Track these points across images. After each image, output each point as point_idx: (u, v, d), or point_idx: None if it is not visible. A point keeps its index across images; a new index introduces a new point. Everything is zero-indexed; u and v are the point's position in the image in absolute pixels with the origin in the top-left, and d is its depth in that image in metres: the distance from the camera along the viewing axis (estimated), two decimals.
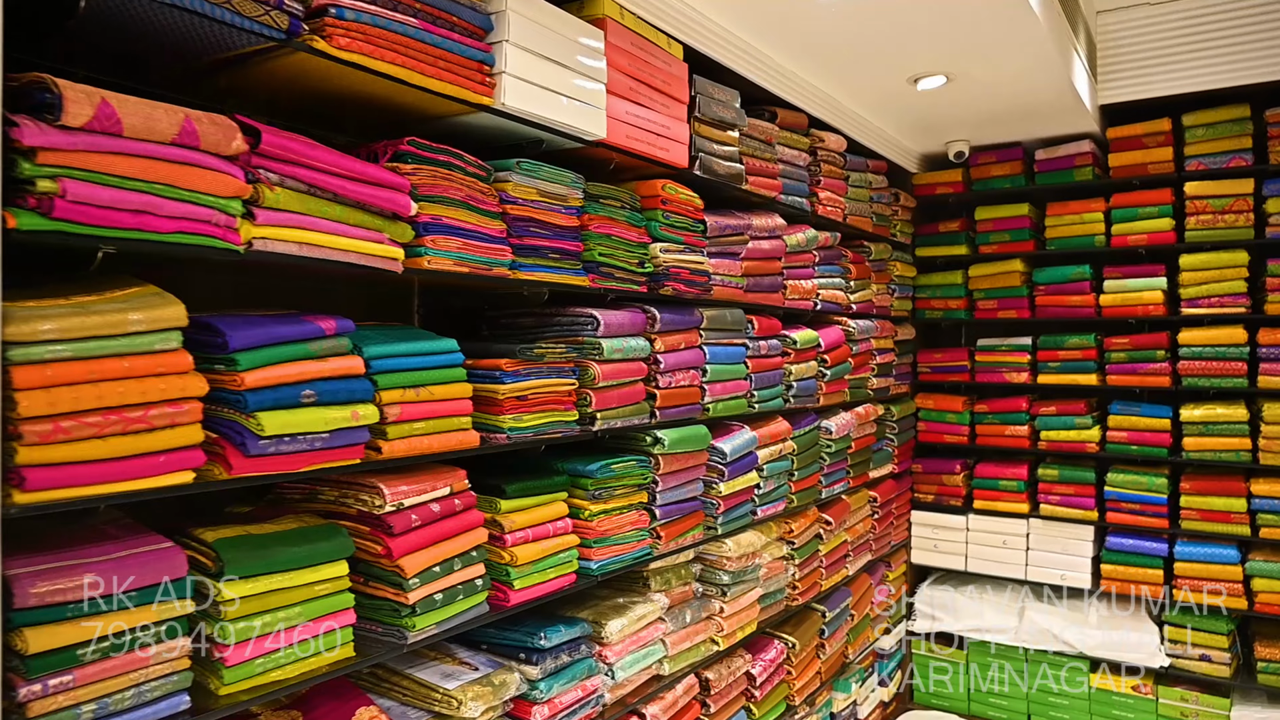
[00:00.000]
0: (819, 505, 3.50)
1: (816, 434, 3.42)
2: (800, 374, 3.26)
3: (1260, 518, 3.65)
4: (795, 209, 3.25)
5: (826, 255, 3.52)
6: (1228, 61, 3.59)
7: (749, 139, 2.93)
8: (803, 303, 3.35)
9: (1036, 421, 4.16)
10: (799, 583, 3.30)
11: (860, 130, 3.75)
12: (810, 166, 3.40)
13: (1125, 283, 3.95)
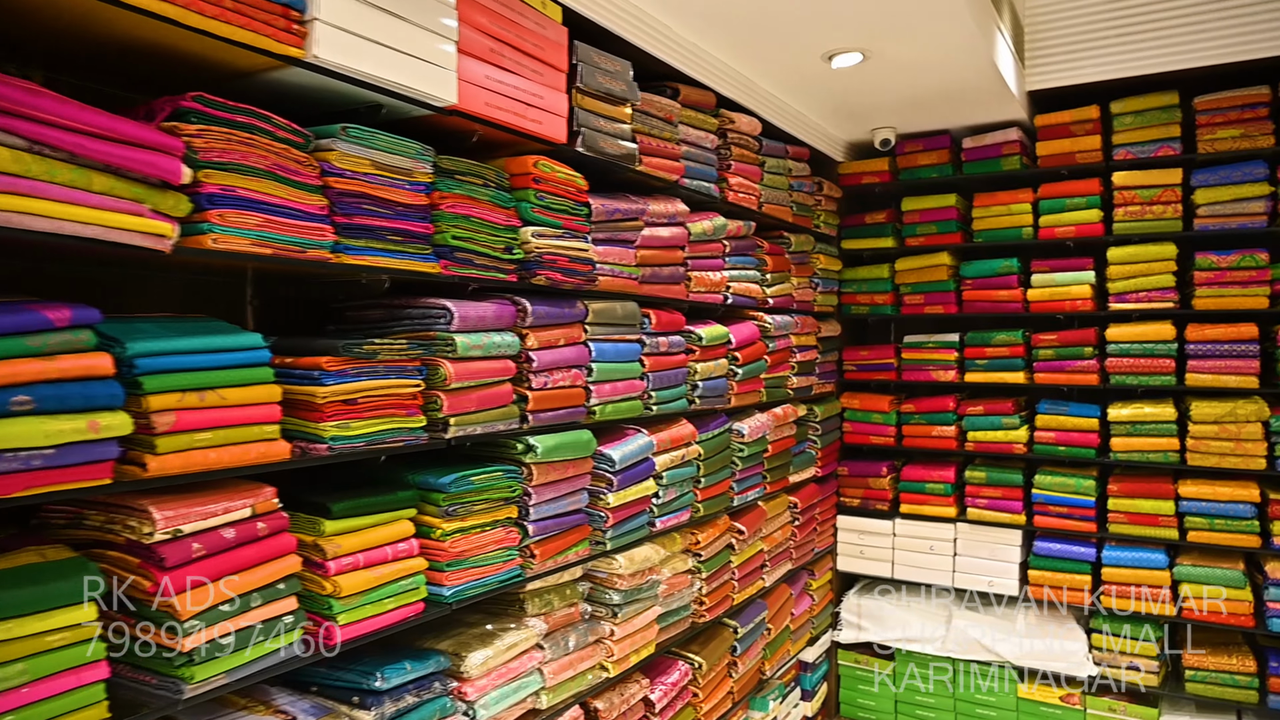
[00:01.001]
0: (730, 513, 3.27)
1: (727, 437, 3.19)
2: (707, 373, 3.02)
3: (1188, 520, 3.51)
4: (702, 195, 3.01)
5: (739, 246, 3.29)
6: (1157, 46, 3.44)
7: (646, 116, 2.68)
8: (711, 296, 3.11)
9: (964, 422, 3.98)
10: (706, 598, 3.07)
11: (777, 113, 3.52)
12: (720, 150, 3.16)
13: (1053, 276, 3.78)
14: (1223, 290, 3.45)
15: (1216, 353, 3.47)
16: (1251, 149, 3.40)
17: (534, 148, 2.28)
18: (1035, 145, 3.82)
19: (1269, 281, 3.39)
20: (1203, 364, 3.49)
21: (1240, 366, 3.43)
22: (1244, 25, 3.28)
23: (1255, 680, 3.40)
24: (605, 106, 2.46)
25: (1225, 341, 3.45)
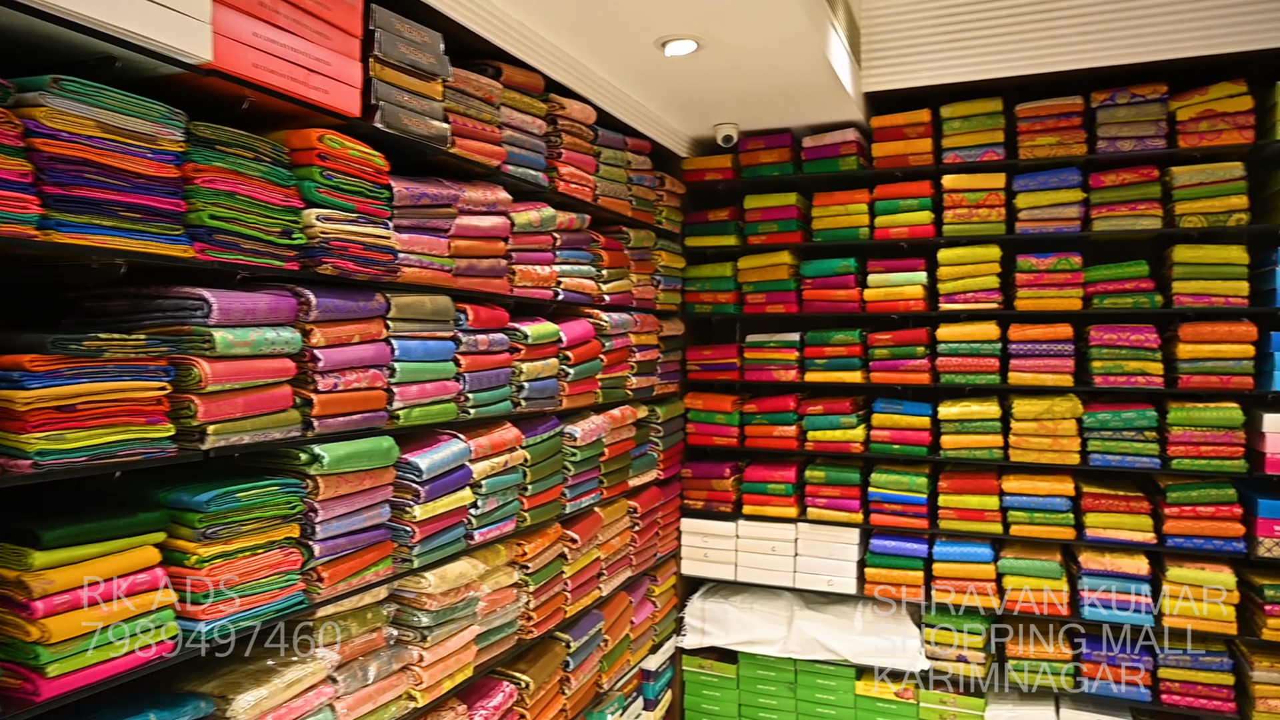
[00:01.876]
0: (563, 521, 3.10)
1: (559, 440, 3.02)
2: (534, 373, 2.84)
3: (1011, 515, 3.62)
4: (529, 184, 2.83)
5: (571, 239, 3.13)
6: (983, 54, 3.52)
7: (461, 95, 2.47)
8: (540, 292, 2.93)
9: (804, 421, 3.97)
10: (535, 612, 2.88)
11: (615, 103, 3.39)
12: (550, 137, 2.99)
13: (888, 277, 3.82)
14: (1041, 292, 3.57)
15: (1036, 352, 3.59)
16: (1066, 156, 3.53)
17: (325, 121, 2.03)
18: (871, 147, 3.85)
19: (1082, 284, 3.53)
20: (1023, 363, 3.60)
21: (1056, 365, 3.56)
22: (1060, 38, 3.40)
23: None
24: (410, 80, 2.23)
25: (1043, 341, 3.57)
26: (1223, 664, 3.33)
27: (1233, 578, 3.28)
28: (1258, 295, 3.33)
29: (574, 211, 3.13)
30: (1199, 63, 3.31)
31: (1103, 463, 3.47)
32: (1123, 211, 3.45)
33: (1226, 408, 3.31)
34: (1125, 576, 3.43)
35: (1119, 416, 3.44)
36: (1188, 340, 3.36)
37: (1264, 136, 3.29)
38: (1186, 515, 3.35)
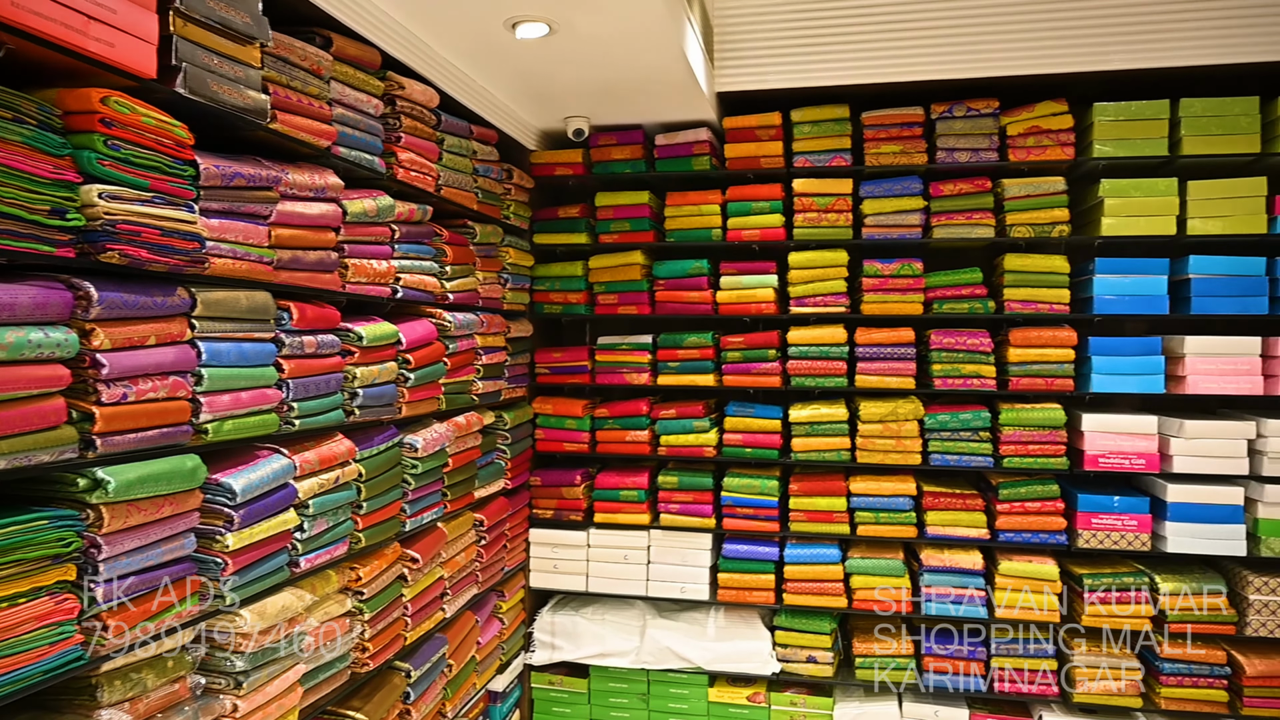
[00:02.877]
0: (402, 540, 2.84)
1: (398, 451, 2.75)
2: (370, 378, 2.57)
3: (858, 515, 3.67)
4: (363, 169, 2.55)
5: (412, 232, 2.87)
6: (832, 60, 3.55)
7: (284, 65, 2.17)
8: (376, 289, 2.66)
9: (657, 426, 3.88)
10: (370, 642, 2.61)
11: (460, 87, 3.15)
12: (388, 119, 2.72)
13: (740, 279, 3.80)
14: (886, 296, 3.65)
15: (881, 355, 3.66)
16: (909, 165, 3.63)
17: (112, 81, 1.70)
18: (724, 148, 3.81)
19: (923, 289, 3.63)
20: (869, 366, 3.67)
21: (900, 368, 3.65)
22: (904, 51, 3.48)
23: (913, 661, 3.63)
24: (221, 41, 1.93)
25: (888, 345, 3.65)
26: (1047, 650, 3.52)
27: (1056, 569, 3.47)
28: (1077, 302, 3.54)
29: (414, 202, 2.88)
30: (1027, 81, 3.48)
31: (942, 462, 3.58)
32: (960, 220, 3.58)
33: (1050, 408, 3.50)
34: (962, 571, 3.55)
35: (956, 418, 3.56)
36: (1017, 344, 3.53)
37: (1082, 153, 3.50)
38: (1016, 511, 3.52)
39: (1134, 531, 3.42)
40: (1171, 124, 3.39)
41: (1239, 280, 3.35)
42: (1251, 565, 3.41)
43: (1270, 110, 3.32)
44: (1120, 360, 3.44)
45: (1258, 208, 3.34)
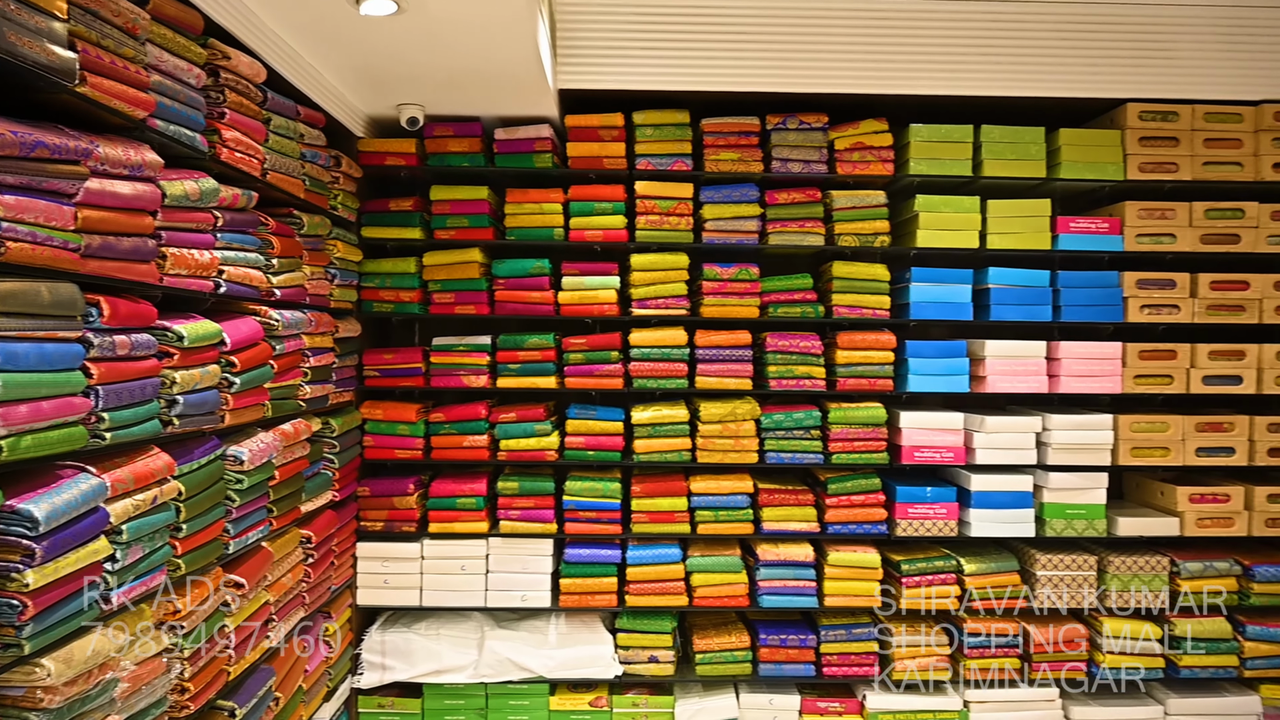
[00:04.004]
0: (225, 563, 2.54)
1: (220, 465, 2.46)
2: (191, 383, 2.27)
3: (698, 515, 3.74)
4: (184, 146, 2.25)
5: (237, 220, 2.57)
6: (673, 65, 3.59)
7: (94, 19, 1.86)
8: (198, 282, 2.36)
9: (496, 430, 3.75)
10: (191, 682, 2.31)
11: (288, 63, 2.88)
12: (211, 92, 2.42)
13: (582, 280, 3.75)
14: (724, 300, 3.75)
15: (720, 357, 3.75)
16: (746, 173, 3.74)
17: None
18: (566, 146, 3.75)
19: (759, 294, 3.76)
20: (709, 368, 3.75)
21: (738, 370, 3.75)
22: (742, 62, 3.59)
23: (749, 653, 3.74)
24: None
25: (726, 347, 3.75)
26: (869, 634, 3.76)
27: (877, 557, 3.71)
28: (897, 308, 3.81)
29: (239, 186, 2.58)
30: (853, 99, 3.70)
31: (777, 460, 3.73)
32: (793, 228, 3.74)
33: (873, 407, 3.73)
34: (795, 564, 3.71)
35: (791, 417, 3.72)
36: (844, 347, 3.74)
37: (900, 170, 3.77)
38: (843, 505, 3.73)
39: (944, 519, 3.72)
40: (975, 147, 3.73)
41: (1028, 290, 3.74)
42: (1039, 545, 3.82)
43: (1054, 140, 3.74)
44: (932, 362, 3.74)
45: (1044, 226, 3.75)
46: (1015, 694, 3.72)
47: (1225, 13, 3.63)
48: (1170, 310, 3.74)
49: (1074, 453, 3.71)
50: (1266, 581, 3.72)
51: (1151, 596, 3.73)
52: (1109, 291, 3.75)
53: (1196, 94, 3.68)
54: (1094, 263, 3.85)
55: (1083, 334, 3.89)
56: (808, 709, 3.73)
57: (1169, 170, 3.71)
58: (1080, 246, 3.73)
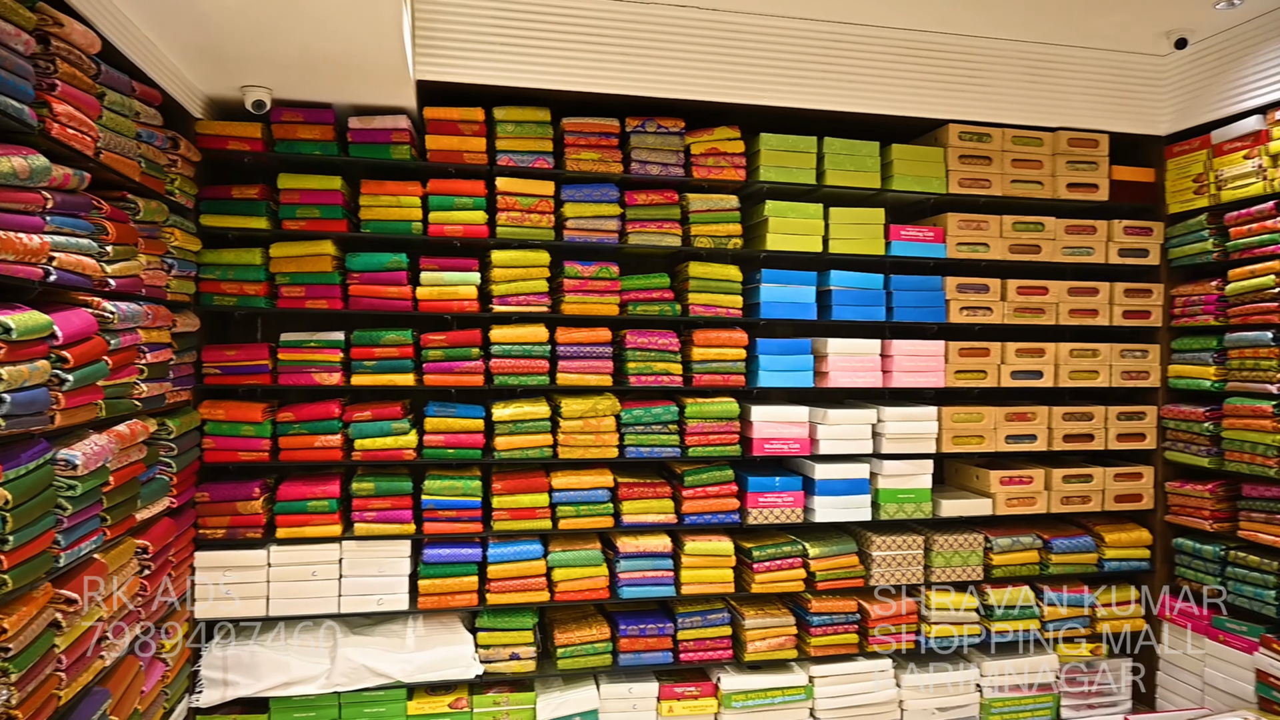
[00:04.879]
0: (55, 578, 2.32)
1: (50, 470, 2.24)
2: (19, 380, 2.06)
3: (559, 510, 3.77)
4: (10, 118, 2.04)
5: (68, 202, 2.35)
6: (534, 63, 3.60)
7: None
8: (24, 269, 2.14)
9: (350, 429, 3.62)
10: (19, 710, 2.09)
11: (123, 34, 2.66)
12: (40, 61, 2.21)
13: (442, 275, 3.69)
14: (585, 298, 3.80)
15: (580, 354, 3.80)
16: (606, 173, 3.81)
17: None
18: (425, 139, 3.67)
19: (619, 292, 3.84)
20: (570, 364, 3.79)
21: (598, 366, 3.81)
22: (602, 64, 3.65)
23: (610, 645, 3.81)
24: None
25: (587, 344, 3.80)
26: (723, 619, 3.93)
27: (730, 545, 3.89)
28: (748, 307, 4.00)
29: (70, 166, 2.36)
30: (709, 107, 3.86)
31: (636, 454, 3.82)
32: (652, 229, 3.85)
33: (726, 402, 3.91)
34: (653, 555, 3.82)
35: (649, 412, 3.82)
36: (699, 344, 3.89)
37: (752, 176, 3.96)
38: (699, 496, 3.88)
39: (791, 507, 3.95)
40: (819, 158, 3.98)
41: (865, 293, 4.04)
42: (874, 528, 4.13)
43: (887, 154, 4.05)
44: (780, 359, 3.96)
45: (878, 233, 4.06)
46: (854, 667, 4.00)
47: (1029, 49, 4.07)
48: (984, 312, 4.15)
49: (904, 442, 4.04)
50: (1062, 553, 4.21)
51: (969, 571, 4.12)
52: (933, 294, 4.11)
53: (1006, 119, 4.10)
54: (920, 268, 4.22)
55: (911, 333, 4.25)
56: (665, 695, 3.85)
57: (983, 186, 4.12)
58: (909, 253, 4.07)
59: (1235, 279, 3.95)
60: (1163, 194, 4.36)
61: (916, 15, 3.78)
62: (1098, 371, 4.28)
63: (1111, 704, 4.29)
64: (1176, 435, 4.27)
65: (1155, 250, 4.35)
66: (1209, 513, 4.05)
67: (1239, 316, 3.94)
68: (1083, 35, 3.99)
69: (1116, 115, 4.23)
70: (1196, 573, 4.14)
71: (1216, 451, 4.04)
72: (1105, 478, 4.29)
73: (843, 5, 3.69)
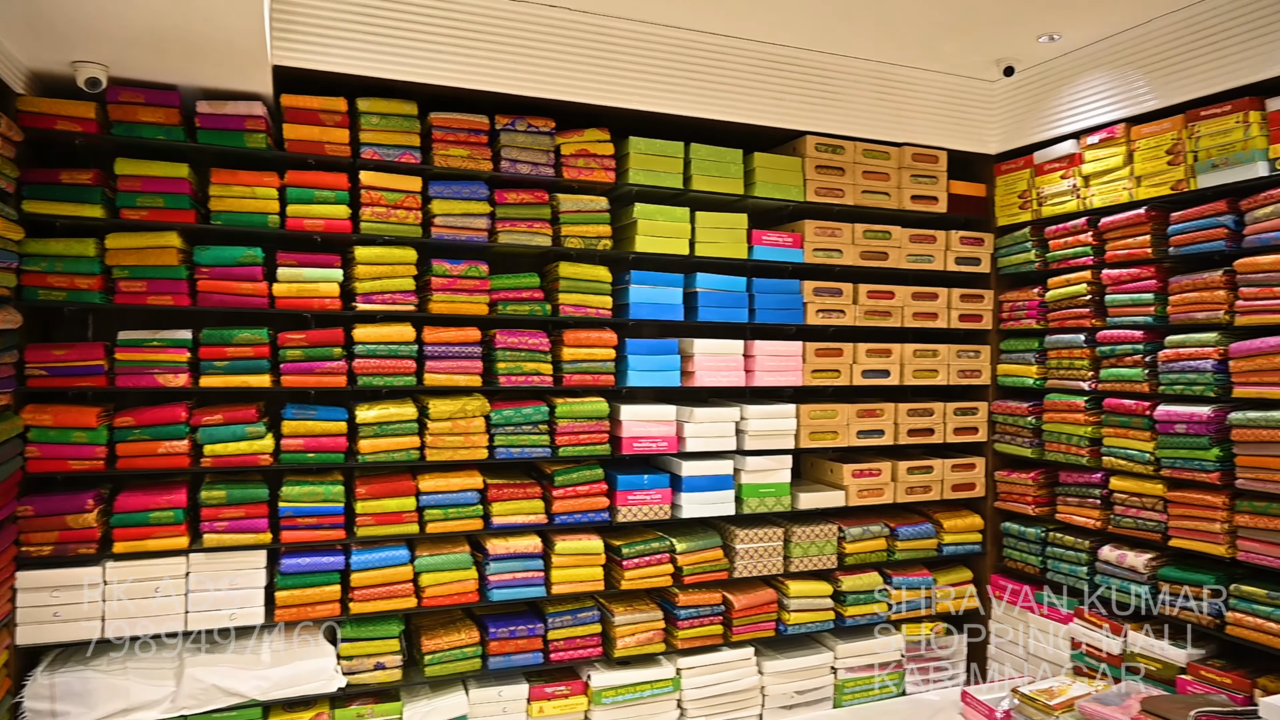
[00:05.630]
0: None
1: None
2: None
3: (427, 513, 3.69)
4: None
5: None
6: (401, 54, 3.51)
7: None
8: None
9: (199, 434, 3.39)
10: None
11: None
12: None
13: (301, 272, 3.52)
14: (454, 296, 3.73)
15: (449, 354, 3.73)
16: (475, 170, 3.75)
17: None
18: (283, 128, 3.49)
19: (488, 291, 3.80)
20: (438, 364, 3.71)
21: (467, 367, 3.76)
22: (472, 59, 3.60)
23: (479, 649, 3.76)
24: None
25: (455, 344, 3.74)
26: (593, 617, 3.96)
27: (600, 543, 3.93)
28: (617, 308, 4.05)
29: None
30: (579, 108, 3.88)
31: (507, 455, 3.79)
32: (522, 228, 3.83)
33: (596, 402, 3.94)
34: (523, 556, 3.80)
35: (520, 413, 3.80)
36: (570, 345, 3.91)
37: (621, 178, 4.01)
38: (569, 495, 3.89)
39: (659, 504, 4.04)
40: (686, 163, 4.09)
41: (729, 295, 4.18)
42: (738, 522, 4.29)
43: (750, 162, 4.21)
44: (649, 359, 4.04)
45: (741, 238, 4.22)
46: (718, 657, 4.14)
47: (879, 68, 4.35)
48: (838, 314, 4.40)
49: (766, 438, 4.21)
50: (907, 540, 4.52)
51: (825, 560, 4.35)
52: (792, 297, 4.31)
53: (858, 132, 4.36)
54: (780, 272, 4.41)
55: (772, 334, 4.44)
56: (536, 696, 3.84)
57: (837, 195, 4.36)
58: (770, 257, 4.25)
59: (1053, 287, 4.37)
60: (993, 208, 4.76)
61: (779, 30, 3.95)
62: (937, 370, 4.62)
63: (949, 677, 4.65)
64: (1004, 429, 4.68)
65: (986, 259, 4.75)
66: (1031, 498, 4.46)
67: (1057, 320, 4.36)
68: (925, 59, 4.30)
69: (953, 134, 4.58)
70: (1022, 553, 4.55)
71: (1038, 443, 4.45)
72: (944, 469, 4.64)
73: (711, 15, 3.80)
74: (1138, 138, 3.90)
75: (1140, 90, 3.87)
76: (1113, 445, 4.02)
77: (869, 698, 4.42)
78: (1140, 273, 3.91)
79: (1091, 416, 4.13)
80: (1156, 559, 3.86)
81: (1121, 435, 3.97)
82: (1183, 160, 3.71)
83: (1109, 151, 4.05)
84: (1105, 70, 4.02)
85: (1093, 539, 4.16)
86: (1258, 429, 3.36)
